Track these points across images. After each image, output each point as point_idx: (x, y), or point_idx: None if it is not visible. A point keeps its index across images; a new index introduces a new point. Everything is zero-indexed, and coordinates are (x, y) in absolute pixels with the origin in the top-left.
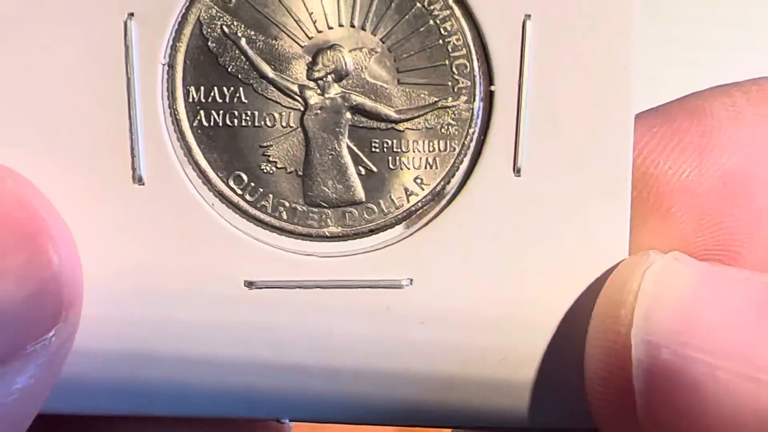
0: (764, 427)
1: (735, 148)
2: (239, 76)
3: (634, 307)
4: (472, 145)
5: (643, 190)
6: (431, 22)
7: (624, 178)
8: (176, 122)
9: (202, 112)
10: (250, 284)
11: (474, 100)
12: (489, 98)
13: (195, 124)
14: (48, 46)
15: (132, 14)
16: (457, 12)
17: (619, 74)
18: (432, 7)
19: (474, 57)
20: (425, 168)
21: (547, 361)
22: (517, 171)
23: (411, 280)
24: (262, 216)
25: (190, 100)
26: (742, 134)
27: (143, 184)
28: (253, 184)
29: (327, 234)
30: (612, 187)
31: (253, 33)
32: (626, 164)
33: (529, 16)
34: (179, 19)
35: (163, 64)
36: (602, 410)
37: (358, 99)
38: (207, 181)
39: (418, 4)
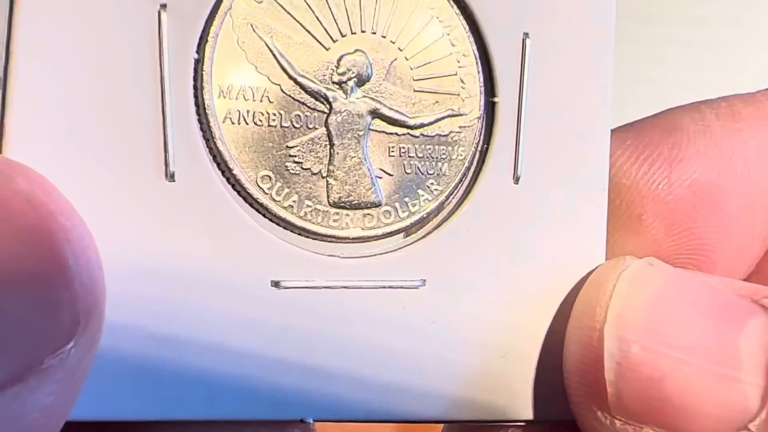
0: (723, 417)
1: (703, 160)
2: (267, 75)
3: (608, 305)
4: (478, 153)
5: (615, 198)
6: (443, 34)
7: (602, 188)
8: (206, 119)
9: (230, 110)
10: (276, 284)
11: (480, 110)
12: (491, 109)
13: (224, 122)
14: (80, 39)
15: (165, 6)
16: (465, 27)
17: (600, 92)
18: (443, 20)
19: (479, 69)
20: (437, 174)
21: (542, 357)
22: (516, 179)
23: (424, 281)
24: (289, 216)
25: (219, 97)
26: (710, 147)
27: (174, 181)
28: (279, 184)
29: (350, 236)
30: (592, 195)
31: (281, 33)
32: (603, 175)
33: (528, 34)
34: (210, 13)
35: (195, 59)
36: (578, 399)
37: (378, 104)
38: (235, 179)
39: (434, 18)
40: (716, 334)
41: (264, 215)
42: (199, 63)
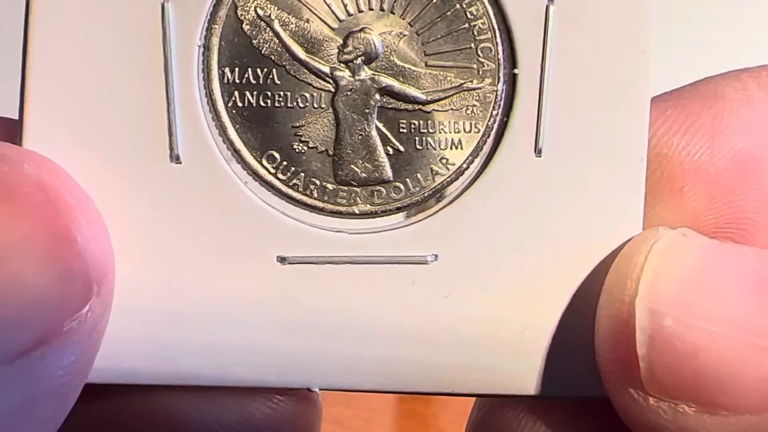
0: (762, 390)
1: (746, 131)
2: (272, 57)
3: (639, 277)
4: (495, 126)
5: (656, 170)
6: (458, 6)
7: (639, 159)
8: (212, 103)
9: (236, 92)
10: (282, 260)
11: (498, 83)
12: (512, 81)
13: (230, 105)
14: (86, 28)
15: None
16: None
17: (638, 59)
18: None
19: (498, 41)
20: (450, 148)
21: (565, 332)
22: (538, 152)
23: (436, 255)
24: (295, 194)
25: (225, 81)
26: (753, 117)
27: (180, 163)
28: (285, 163)
29: (356, 212)
30: (628, 167)
31: (285, 15)
32: (642, 145)
33: (552, 1)
34: (215, 1)
35: (199, 46)
36: (610, 375)
37: (387, 81)
38: (241, 159)
39: None
40: (753, 306)
41: (272, 193)
42: (204, 49)
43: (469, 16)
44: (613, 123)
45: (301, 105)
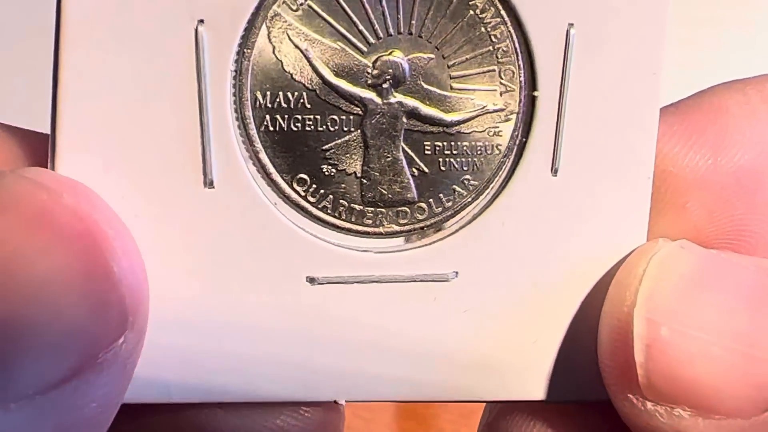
0: (753, 398)
1: (749, 145)
2: (303, 82)
3: (638, 289)
4: (515, 147)
5: (661, 186)
6: (483, 29)
7: (647, 177)
8: (244, 127)
9: (268, 117)
10: (312, 280)
11: (518, 105)
12: (531, 103)
13: (261, 129)
14: (118, 52)
15: (202, 21)
16: (507, 21)
17: (649, 81)
18: (483, 15)
19: (520, 63)
20: (472, 169)
21: (572, 341)
22: (554, 171)
23: (456, 273)
24: (324, 216)
25: (257, 105)
26: (756, 131)
27: (213, 188)
28: (315, 186)
29: (383, 231)
30: (635, 185)
31: (316, 39)
32: (649, 164)
33: (572, 24)
34: (247, 25)
35: (232, 71)
36: (611, 381)
37: (414, 104)
38: (272, 183)
39: (471, 12)
40: (745, 316)
41: (302, 215)
42: (236, 73)
43: (493, 39)
44: (623, 142)
45: (330, 129)
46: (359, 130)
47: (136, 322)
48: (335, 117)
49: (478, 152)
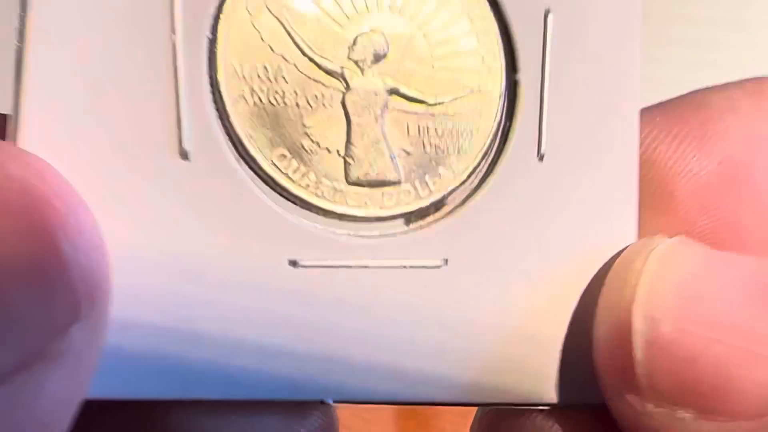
0: (759, 396)
1: (733, 137)
2: (282, 54)
3: (637, 284)
4: (500, 131)
5: (647, 175)
6: (464, 11)
7: (632, 164)
8: (219, 98)
9: (245, 89)
10: (294, 263)
11: (501, 87)
12: (513, 87)
13: (238, 101)
14: (89, 15)
15: None
16: (486, 4)
17: (627, 68)
18: None
19: (500, 47)
20: (456, 153)
21: (569, 340)
22: (540, 157)
23: (446, 260)
24: (305, 195)
25: (234, 76)
26: (739, 123)
27: (188, 160)
28: (295, 163)
29: (368, 216)
30: (621, 172)
31: (296, 12)
32: (633, 151)
33: (549, 10)
34: None
35: (208, 37)
36: (608, 383)
37: (396, 82)
38: (250, 158)
39: None
40: (750, 313)
41: (280, 194)
42: (212, 43)
43: (473, 20)
44: (606, 129)
45: (311, 104)
46: (341, 106)
47: (93, 309)
48: (316, 92)
49: (463, 134)
